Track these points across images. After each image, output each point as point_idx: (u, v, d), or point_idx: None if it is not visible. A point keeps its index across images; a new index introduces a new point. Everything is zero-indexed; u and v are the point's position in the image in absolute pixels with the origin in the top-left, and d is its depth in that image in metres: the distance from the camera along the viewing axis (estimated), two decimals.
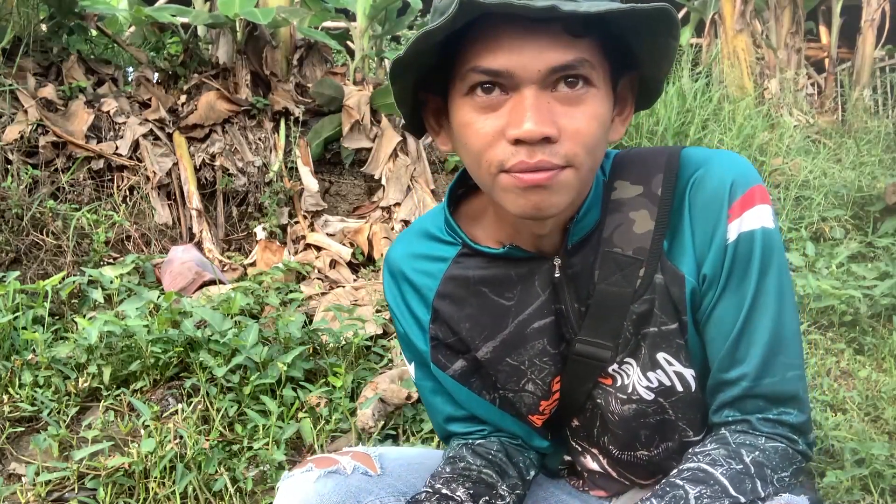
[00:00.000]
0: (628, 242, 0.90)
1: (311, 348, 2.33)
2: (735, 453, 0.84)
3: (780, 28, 6.54)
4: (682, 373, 0.91)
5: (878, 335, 2.67)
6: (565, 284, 0.93)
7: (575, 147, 0.79)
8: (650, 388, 0.93)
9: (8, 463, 1.89)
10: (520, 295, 0.94)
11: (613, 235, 0.90)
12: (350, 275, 3.34)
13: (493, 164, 0.81)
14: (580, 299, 0.93)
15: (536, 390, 0.98)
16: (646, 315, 0.90)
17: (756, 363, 0.87)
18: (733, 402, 0.89)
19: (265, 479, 1.85)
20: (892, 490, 1.77)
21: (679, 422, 0.94)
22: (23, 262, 3.00)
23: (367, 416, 1.97)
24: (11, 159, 3.31)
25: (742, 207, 0.87)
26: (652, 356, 0.91)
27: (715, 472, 0.82)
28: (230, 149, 3.94)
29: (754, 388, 0.87)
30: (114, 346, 2.17)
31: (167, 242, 3.55)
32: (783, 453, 0.86)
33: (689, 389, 0.92)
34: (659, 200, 0.89)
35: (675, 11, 0.77)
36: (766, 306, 0.87)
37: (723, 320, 0.88)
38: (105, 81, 4.05)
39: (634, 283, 0.89)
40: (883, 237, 3.48)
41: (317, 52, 4.52)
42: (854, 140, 4.84)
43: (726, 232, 0.87)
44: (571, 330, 0.95)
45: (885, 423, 2.11)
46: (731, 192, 0.87)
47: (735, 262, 0.87)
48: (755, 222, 0.87)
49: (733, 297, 0.87)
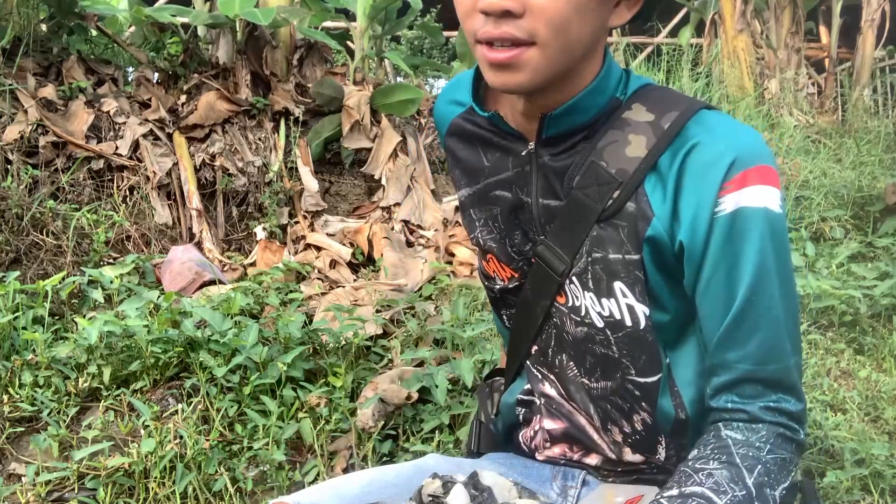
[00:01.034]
0: (615, 161, 0.89)
1: (311, 348, 2.33)
2: (738, 476, 0.82)
3: (780, 28, 6.54)
4: (633, 307, 0.90)
5: (878, 335, 2.67)
6: (534, 173, 0.95)
7: (538, 23, 0.80)
8: (602, 315, 0.93)
9: (8, 463, 1.89)
10: (495, 161, 1.00)
11: (605, 150, 0.90)
12: (350, 275, 3.34)
13: (470, 33, 0.86)
14: (546, 194, 0.95)
15: (490, 241, 1.03)
16: (607, 239, 0.90)
17: (759, 347, 0.85)
18: (732, 385, 0.87)
19: (265, 479, 1.85)
20: (892, 490, 1.78)
21: (623, 359, 0.93)
22: (23, 262, 3.00)
23: (367, 416, 1.97)
24: (11, 159, 3.31)
25: (743, 182, 0.84)
26: (609, 283, 0.91)
27: (719, 501, 0.80)
28: (230, 149, 3.94)
29: (756, 372, 0.85)
30: (114, 346, 2.17)
31: (167, 242, 3.55)
32: (782, 463, 0.85)
33: (637, 325, 0.90)
34: (662, 134, 0.87)
35: None
36: (769, 289, 0.85)
37: (719, 295, 0.86)
38: (105, 81, 4.05)
39: (605, 203, 0.89)
40: (883, 237, 3.48)
41: (317, 52, 4.52)
42: (854, 140, 4.84)
43: (717, 202, 0.84)
44: (534, 228, 0.97)
45: (885, 423, 2.11)
46: (733, 165, 0.84)
47: (732, 235, 0.84)
48: (758, 200, 0.84)
49: (731, 273, 0.85)
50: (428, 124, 4.81)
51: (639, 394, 0.95)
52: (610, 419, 0.99)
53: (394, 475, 1.03)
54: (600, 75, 0.89)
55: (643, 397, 0.95)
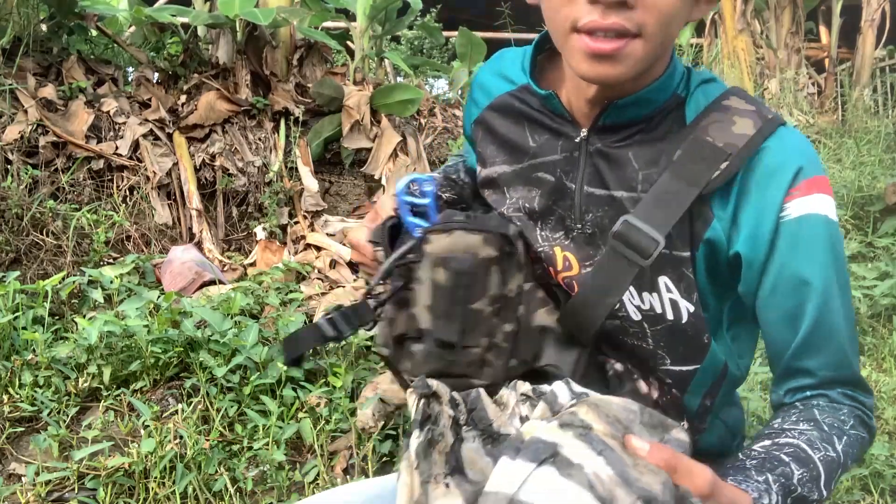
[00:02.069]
0: (722, 136, 0.85)
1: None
2: (829, 440, 0.82)
3: (780, 28, 6.54)
4: (677, 302, 0.88)
5: (878, 335, 2.67)
6: (583, 160, 0.92)
7: (650, 16, 0.78)
8: (640, 308, 0.90)
9: (8, 463, 1.89)
10: (542, 143, 0.97)
11: (709, 127, 0.87)
12: (350, 275, 3.34)
13: (569, 20, 0.80)
14: (592, 182, 0.91)
15: (519, 222, 0.99)
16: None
17: (837, 355, 0.86)
18: (808, 388, 0.88)
19: (265, 479, 1.85)
20: (892, 490, 1.78)
21: (658, 350, 0.91)
22: (23, 262, 3.00)
23: (367, 416, 1.97)
24: (11, 159, 3.31)
25: (810, 189, 0.83)
26: (653, 277, 0.88)
27: (814, 456, 0.80)
28: (230, 149, 3.94)
29: (834, 378, 0.86)
30: (114, 346, 2.17)
31: (167, 242, 3.56)
32: (861, 441, 0.86)
33: (679, 319, 0.89)
34: (766, 121, 0.86)
35: None
36: (842, 296, 0.85)
37: (787, 302, 0.85)
38: (105, 81, 4.05)
39: (711, 174, 0.84)
40: (883, 237, 3.49)
41: (317, 52, 4.53)
42: (854, 140, 4.84)
43: (783, 207, 0.83)
44: (573, 216, 0.93)
45: (885, 423, 2.11)
46: (799, 172, 0.83)
47: (798, 241, 0.83)
48: (821, 208, 0.84)
49: (799, 279, 0.84)
50: (428, 124, 4.81)
51: (670, 381, 0.93)
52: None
53: (378, 488, 1.01)
54: (668, 71, 0.88)
55: (674, 385, 0.94)
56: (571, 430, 0.61)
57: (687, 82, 0.92)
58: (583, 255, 0.93)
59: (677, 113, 0.90)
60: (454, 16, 8.24)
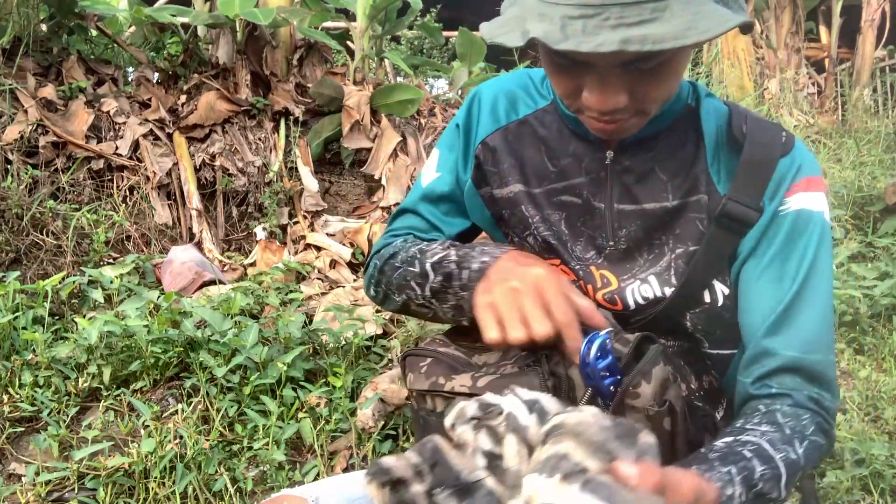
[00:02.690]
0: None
1: (311, 348, 2.33)
2: (790, 441, 0.82)
3: (780, 28, 6.54)
4: (713, 285, 0.92)
5: (878, 335, 2.67)
6: (609, 179, 0.94)
7: (646, 105, 0.83)
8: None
9: (8, 463, 1.89)
10: (563, 166, 0.98)
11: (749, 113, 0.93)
12: (350, 275, 3.34)
13: (572, 107, 0.87)
14: (623, 199, 0.93)
15: (536, 245, 1.00)
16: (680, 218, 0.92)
17: (805, 335, 0.87)
18: (775, 373, 0.88)
19: (265, 479, 1.85)
20: (892, 490, 1.78)
21: (696, 333, 0.93)
22: (23, 262, 3.00)
23: (367, 416, 1.97)
24: (11, 159, 3.31)
25: (808, 186, 0.90)
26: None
27: (776, 455, 0.80)
28: (230, 149, 3.94)
29: (800, 360, 0.87)
30: (114, 346, 2.17)
31: (167, 242, 3.56)
32: (819, 448, 0.86)
33: (715, 302, 0.92)
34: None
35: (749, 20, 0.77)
36: (819, 286, 0.88)
37: (771, 286, 0.89)
38: (105, 81, 4.05)
39: (781, 138, 0.91)
40: (883, 237, 3.49)
41: (317, 52, 4.53)
42: (854, 140, 4.84)
43: (783, 201, 0.89)
44: (604, 234, 0.94)
45: (885, 423, 2.11)
46: (799, 170, 0.90)
47: (793, 232, 0.89)
48: (817, 205, 0.90)
49: (786, 266, 0.88)
50: (428, 124, 4.81)
51: (710, 363, 0.96)
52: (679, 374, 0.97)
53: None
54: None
55: (714, 367, 0.96)
56: (575, 481, 0.60)
57: (694, 92, 0.96)
58: (619, 269, 0.94)
59: (692, 120, 0.94)
60: (454, 16, 8.24)
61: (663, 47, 0.70)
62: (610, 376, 0.79)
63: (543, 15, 0.74)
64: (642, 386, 0.80)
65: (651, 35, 0.70)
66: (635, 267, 0.93)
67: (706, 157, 0.92)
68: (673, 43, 0.69)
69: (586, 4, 0.72)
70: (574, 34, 0.72)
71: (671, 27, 0.70)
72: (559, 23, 0.72)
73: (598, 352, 0.78)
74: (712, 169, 0.91)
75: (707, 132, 0.93)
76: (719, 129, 0.93)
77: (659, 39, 0.70)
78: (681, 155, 0.92)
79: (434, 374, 0.91)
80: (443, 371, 0.90)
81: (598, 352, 0.78)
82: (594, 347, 0.78)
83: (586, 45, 0.70)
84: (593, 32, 0.71)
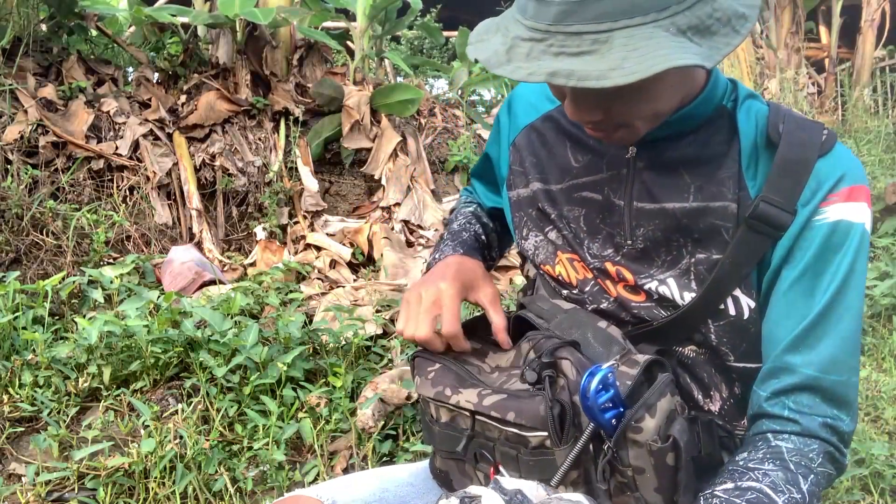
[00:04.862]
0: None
1: (311, 348, 2.33)
2: (794, 480, 0.80)
3: (780, 28, 6.54)
4: (739, 298, 0.88)
5: (878, 335, 2.67)
6: (630, 176, 0.92)
7: (628, 121, 0.81)
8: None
9: (8, 463, 1.89)
10: (586, 162, 0.97)
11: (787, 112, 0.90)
12: (350, 275, 3.34)
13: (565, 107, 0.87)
14: (642, 197, 0.91)
15: (557, 239, 0.99)
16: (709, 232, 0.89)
17: (826, 354, 0.83)
18: (791, 390, 0.84)
19: (265, 479, 1.85)
20: (892, 490, 1.78)
21: (721, 347, 0.91)
22: (23, 262, 3.00)
23: (367, 416, 1.97)
24: (11, 159, 3.31)
25: (850, 196, 0.84)
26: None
27: (778, 500, 0.78)
28: (230, 149, 3.94)
29: (818, 380, 0.83)
30: (114, 346, 2.17)
31: (167, 242, 3.56)
32: (827, 478, 0.83)
33: (740, 315, 0.89)
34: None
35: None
36: (849, 305, 0.84)
37: (799, 299, 0.85)
38: (105, 81, 4.06)
39: (821, 137, 0.87)
40: (883, 237, 3.49)
41: (317, 52, 4.53)
42: (854, 140, 4.84)
43: (818, 210, 0.84)
44: (622, 232, 0.93)
45: (885, 423, 2.11)
46: (842, 179, 0.85)
47: (828, 245, 0.84)
48: (860, 217, 0.85)
49: (818, 280, 0.84)
50: (428, 124, 4.81)
51: (735, 375, 0.93)
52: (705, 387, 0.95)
53: (407, 474, 1.03)
54: (707, 89, 0.88)
55: (739, 380, 0.94)
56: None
57: (733, 92, 0.92)
58: (636, 268, 0.92)
59: (726, 122, 0.90)
60: (454, 16, 8.24)
61: (586, 85, 0.68)
62: (613, 408, 0.79)
63: (507, 30, 0.75)
64: (646, 420, 0.79)
65: (578, 71, 0.69)
66: (653, 267, 0.91)
67: (740, 161, 0.88)
68: (595, 83, 0.68)
69: (535, 28, 0.72)
70: (517, 58, 0.72)
71: (601, 64, 0.68)
72: (510, 43, 0.73)
73: (599, 385, 0.77)
74: (747, 173, 0.88)
75: (744, 133, 0.89)
76: (758, 131, 0.89)
77: (583, 77, 0.68)
78: (709, 157, 0.89)
79: (441, 383, 0.91)
80: (450, 382, 0.91)
81: (599, 385, 0.77)
82: (595, 381, 0.77)
83: (520, 72, 0.71)
84: (536, 58, 0.71)
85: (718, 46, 0.72)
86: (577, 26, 0.70)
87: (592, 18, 0.69)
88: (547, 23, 0.71)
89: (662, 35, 0.69)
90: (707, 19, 0.72)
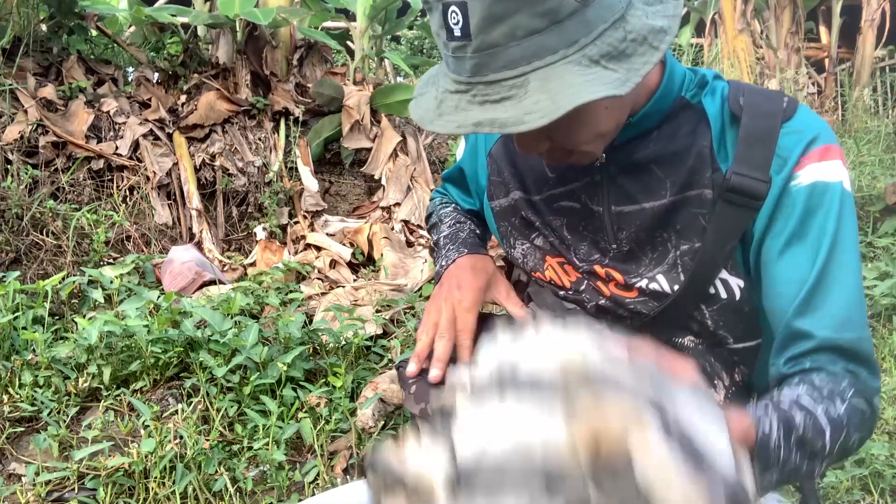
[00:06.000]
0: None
1: (311, 348, 2.33)
2: (831, 399, 0.78)
3: (780, 28, 6.54)
4: (727, 280, 0.88)
5: (878, 335, 2.67)
6: (605, 183, 0.93)
7: (576, 146, 0.82)
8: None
9: (8, 463, 1.89)
10: (560, 172, 0.97)
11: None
12: (350, 275, 3.34)
13: None
14: (620, 201, 0.92)
15: (544, 245, 1.00)
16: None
17: (835, 313, 0.82)
18: (809, 353, 0.83)
19: (265, 479, 1.85)
20: (892, 490, 1.78)
21: (719, 331, 0.91)
22: (23, 262, 3.00)
23: (367, 416, 1.97)
24: (11, 159, 3.31)
25: (822, 156, 0.83)
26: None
27: (817, 407, 0.77)
28: (230, 149, 3.94)
29: (834, 340, 0.81)
30: (114, 346, 2.17)
31: (167, 242, 3.56)
32: (861, 415, 0.81)
33: (732, 297, 0.88)
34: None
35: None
36: (845, 261, 0.83)
37: (796, 266, 0.84)
38: (105, 81, 4.06)
39: (783, 104, 0.87)
40: (883, 237, 3.49)
41: (317, 52, 4.53)
42: (854, 140, 4.84)
43: (792, 176, 0.84)
44: (605, 237, 0.93)
45: (885, 423, 2.11)
46: (811, 141, 0.84)
47: (809, 208, 0.83)
48: (836, 175, 0.83)
49: (805, 244, 0.84)
50: None
51: (737, 358, 0.94)
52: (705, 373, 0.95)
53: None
54: (662, 85, 0.88)
55: (742, 362, 0.94)
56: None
57: (693, 80, 0.91)
58: (624, 269, 0.92)
59: (690, 111, 0.90)
60: None
61: (507, 132, 0.71)
62: None
63: (438, 83, 0.78)
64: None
65: (499, 119, 0.71)
66: (641, 266, 0.92)
67: (712, 144, 0.88)
68: (514, 129, 0.70)
69: (458, 81, 0.75)
70: (447, 111, 0.75)
71: (518, 109, 0.71)
72: (440, 98, 0.76)
73: None
74: (719, 155, 0.88)
75: (713, 117, 0.89)
76: (723, 110, 0.89)
77: (503, 124, 0.71)
78: (677, 150, 0.89)
79: (423, 398, 0.94)
80: (432, 397, 0.93)
81: None
82: None
83: (450, 125, 0.74)
84: (464, 109, 0.74)
85: (636, 67, 0.73)
86: (492, 75, 0.73)
87: (504, 66, 0.72)
88: (467, 75, 0.74)
89: (575, 70, 0.71)
90: (620, 44, 0.73)
